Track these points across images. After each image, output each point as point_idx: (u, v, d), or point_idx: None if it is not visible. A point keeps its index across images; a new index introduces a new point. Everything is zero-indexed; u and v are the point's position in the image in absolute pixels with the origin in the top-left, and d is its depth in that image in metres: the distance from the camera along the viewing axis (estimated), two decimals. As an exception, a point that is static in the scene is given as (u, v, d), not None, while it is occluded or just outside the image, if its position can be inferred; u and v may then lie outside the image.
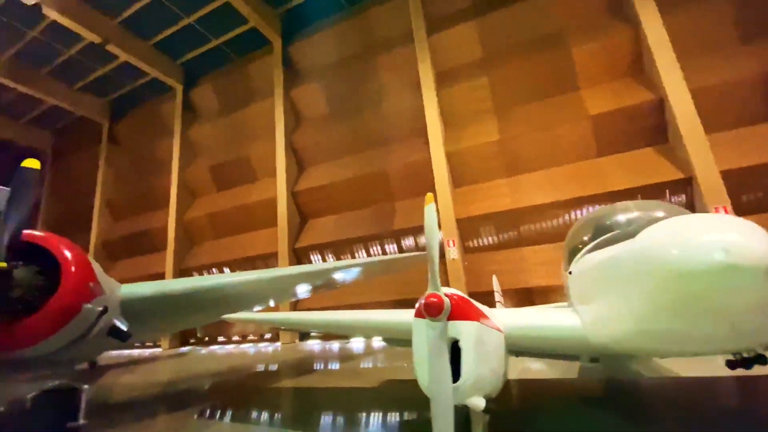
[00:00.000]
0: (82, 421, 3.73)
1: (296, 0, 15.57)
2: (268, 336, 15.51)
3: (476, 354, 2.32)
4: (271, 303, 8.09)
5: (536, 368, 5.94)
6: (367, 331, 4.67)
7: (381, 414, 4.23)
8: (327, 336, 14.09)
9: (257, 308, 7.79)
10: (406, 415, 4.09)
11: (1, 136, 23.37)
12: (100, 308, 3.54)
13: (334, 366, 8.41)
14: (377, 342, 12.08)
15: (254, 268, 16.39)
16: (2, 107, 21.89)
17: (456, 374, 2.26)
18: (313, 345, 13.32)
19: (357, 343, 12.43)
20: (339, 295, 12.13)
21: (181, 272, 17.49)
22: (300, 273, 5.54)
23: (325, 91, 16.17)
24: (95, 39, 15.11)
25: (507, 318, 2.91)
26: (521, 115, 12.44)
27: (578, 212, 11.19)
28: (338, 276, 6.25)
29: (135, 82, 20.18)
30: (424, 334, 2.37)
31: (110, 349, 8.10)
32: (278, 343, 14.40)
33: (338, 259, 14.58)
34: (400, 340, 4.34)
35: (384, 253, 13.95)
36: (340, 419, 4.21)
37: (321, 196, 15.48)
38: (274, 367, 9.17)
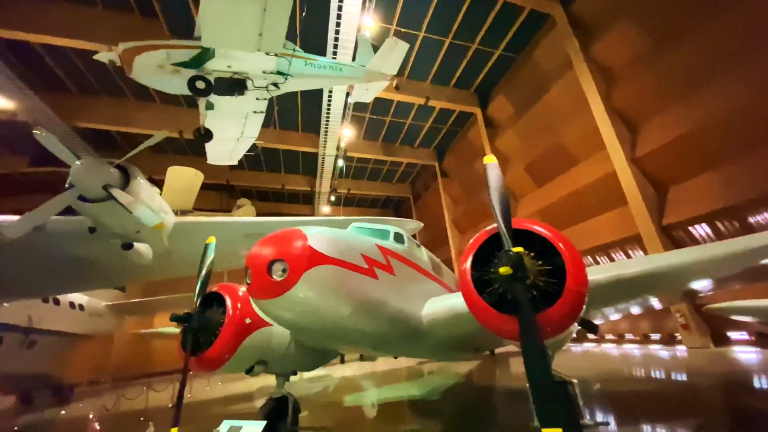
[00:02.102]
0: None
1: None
2: (655, 336, 12.14)
3: None
4: (655, 303, 5.90)
5: None
6: None
7: None
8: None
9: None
10: None
11: (383, 193, 34.35)
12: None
13: None
14: None
15: (608, 257, 13.79)
16: (384, 176, 32.16)
17: None
18: (739, 352, 8.86)
19: None
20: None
21: (527, 270, 17.58)
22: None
23: (638, 23, 11.97)
24: (420, 101, 19.04)
25: None
26: None
27: None
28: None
29: (447, 123, 23.75)
30: None
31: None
32: (680, 347, 10.75)
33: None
34: None
35: None
36: None
37: (679, 152, 11.03)
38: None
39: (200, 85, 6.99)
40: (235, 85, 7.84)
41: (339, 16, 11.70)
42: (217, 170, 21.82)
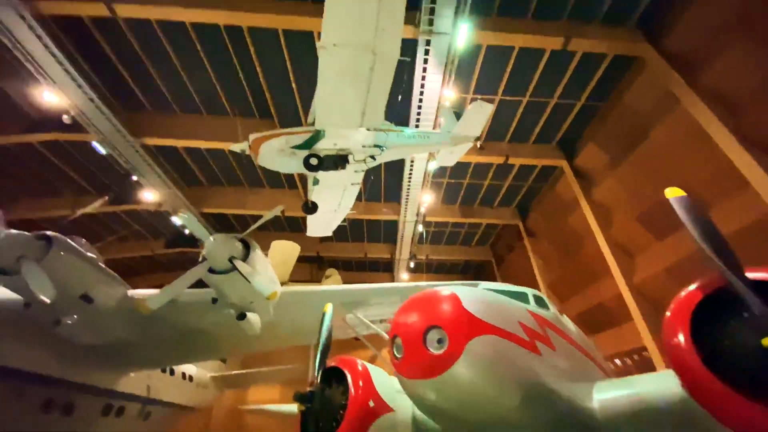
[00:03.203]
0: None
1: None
2: None
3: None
4: None
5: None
6: None
7: None
8: None
9: None
10: None
11: (462, 258, 32.62)
12: None
13: None
14: None
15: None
16: (462, 239, 30.91)
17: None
18: None
19: None
20: None
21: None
22: None
23: (759, 41, 10.51)
24: (499, 160, 18.73)
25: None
26: None
27: None
28: None
29: (528, 179, 22.63)
30: None
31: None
32: None
33: None
34: None
35: None
36: None
37: None
38: None
39: (313, 161, 7.81)
40: (339, 160, 8.51)
41: (422, 93, 12.65)
42: (308, 243, 23.49)
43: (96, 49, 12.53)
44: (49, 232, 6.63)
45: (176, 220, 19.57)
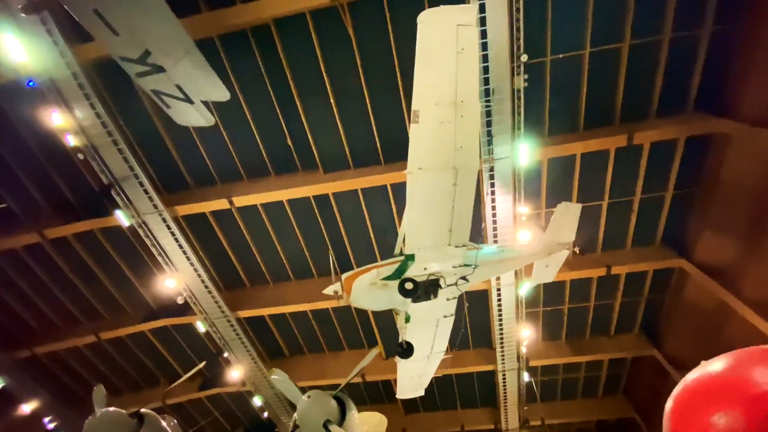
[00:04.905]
0: None
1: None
2: None
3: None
4: None
5: None
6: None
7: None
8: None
9: None
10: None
11: (591, 417, 24.49)
12: None
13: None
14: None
15: None
16: (583, 388, 24.03)
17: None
18: None
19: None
20: None
21: None
22: None
23: None
24: (600, 272, 16.49)
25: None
26: None
27: None
28: None
29: (642, 292, 18.87)
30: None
31: None
32: None
33: None
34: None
35: None
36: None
37: None
38: None
39: (408, 285, 7.33)
40: (430, 287, 7.89)
41: (494, 215, 12.72)
42: (391, 417, 20.02)
43: (211, 236, 15.40)
44: (143, 410, 6.13)
45: (257, 400, 18.59)
